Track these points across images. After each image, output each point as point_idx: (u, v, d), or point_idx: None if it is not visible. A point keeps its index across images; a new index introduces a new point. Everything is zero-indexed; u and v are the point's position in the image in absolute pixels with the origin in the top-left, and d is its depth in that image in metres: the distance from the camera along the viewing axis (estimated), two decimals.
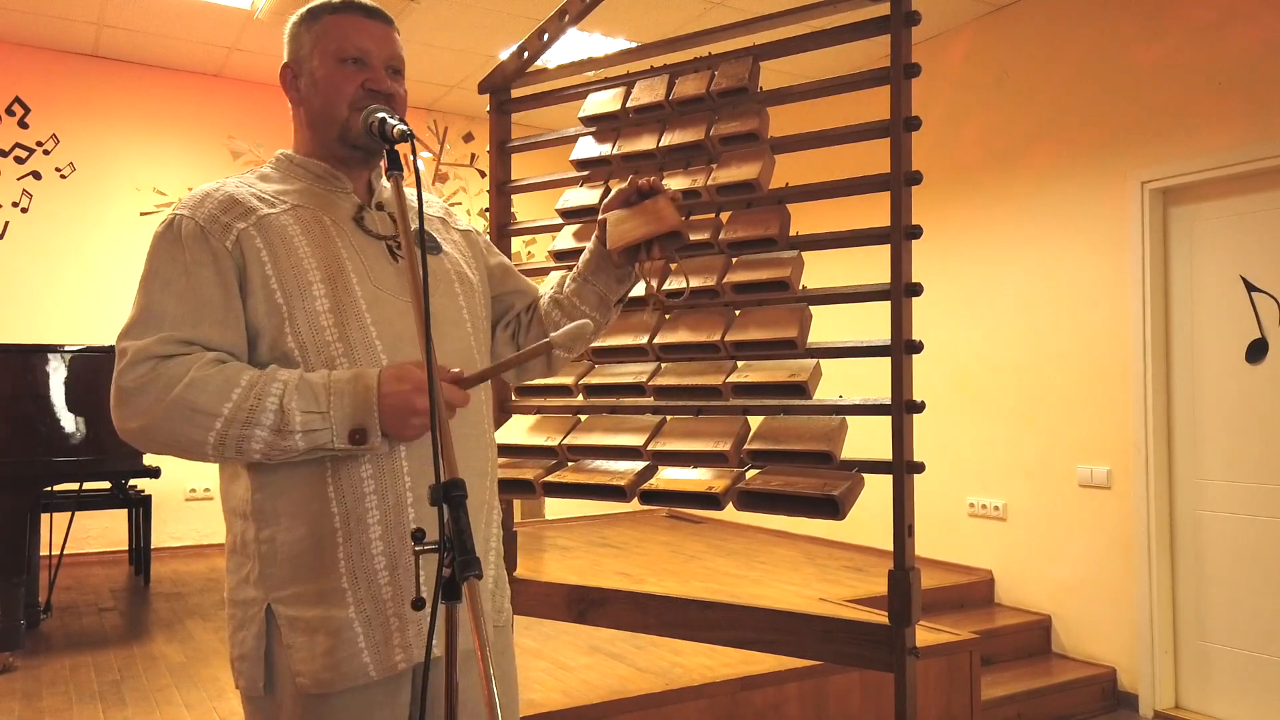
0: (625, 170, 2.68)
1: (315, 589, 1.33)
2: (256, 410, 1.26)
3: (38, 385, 3.66)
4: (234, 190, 1.39)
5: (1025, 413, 4.89)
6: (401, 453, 1.35)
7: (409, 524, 1.35)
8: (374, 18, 1.46)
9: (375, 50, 1.44)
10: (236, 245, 1.33)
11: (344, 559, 1.33)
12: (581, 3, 2.70)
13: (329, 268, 1.36)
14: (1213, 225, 4.19)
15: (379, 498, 1.34)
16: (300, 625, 1.32)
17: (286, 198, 1.41)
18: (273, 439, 1.27)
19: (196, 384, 1.25)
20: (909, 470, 2.21)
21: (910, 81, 2.25)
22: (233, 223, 1.34)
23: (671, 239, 1.55)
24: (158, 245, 1.35)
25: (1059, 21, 4.77)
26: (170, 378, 1.25)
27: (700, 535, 6.51)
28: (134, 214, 6.06)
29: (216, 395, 1.25)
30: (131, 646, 3.84)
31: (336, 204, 1.45)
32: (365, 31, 1.44)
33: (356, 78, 1.42)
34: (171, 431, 1.26)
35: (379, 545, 1.34)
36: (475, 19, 5.32)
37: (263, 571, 1.34)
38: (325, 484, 1.33)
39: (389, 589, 1.34)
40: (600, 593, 2.67)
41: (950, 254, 5.25)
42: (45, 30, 5.59)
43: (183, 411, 1.25)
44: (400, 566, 1.35)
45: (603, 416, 2.64)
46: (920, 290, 2.23)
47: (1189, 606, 4.24)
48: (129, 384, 1.26)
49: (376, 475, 1.34)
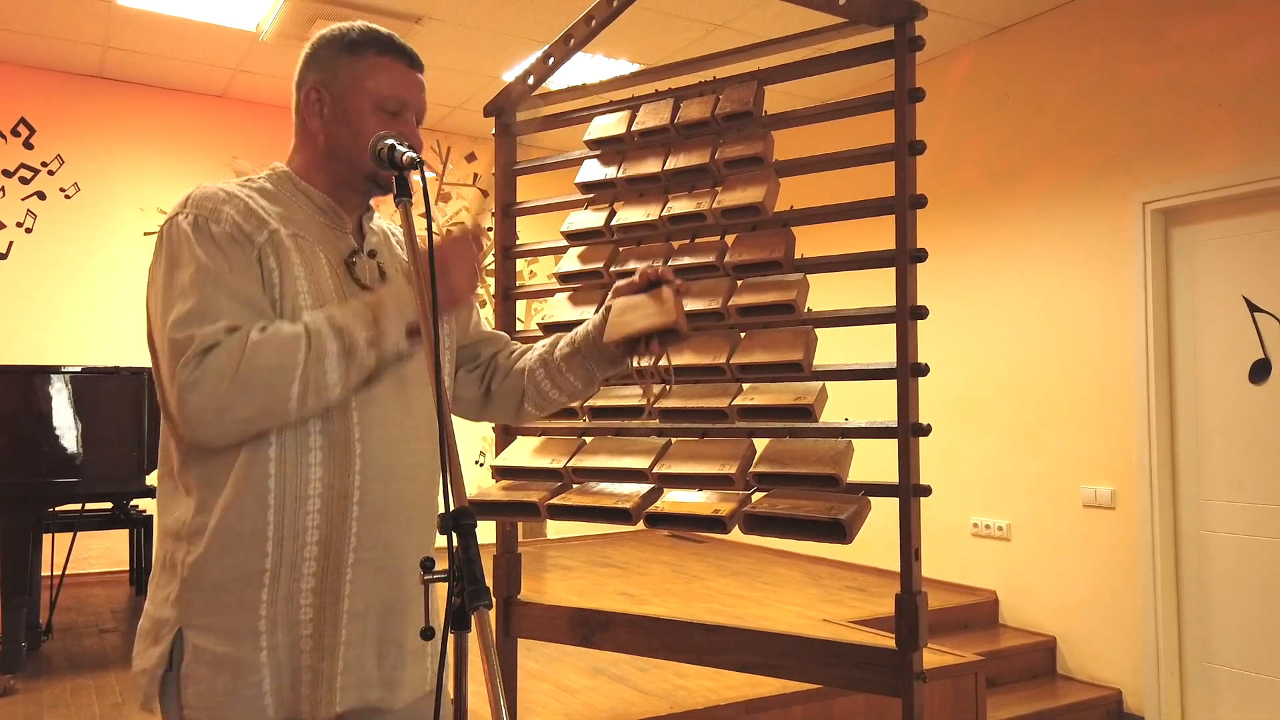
0: (630, 193, 2.69)
1: (229, 625, 1.30)
2: (319, 342, 1.26)
3: (40, 406, 3.66)
4: (245, 199, 1.36)
5: (1028, 433, 4.88)
6: (354, 512, 1.34)
7: (346, 583, 1.33)
8: (415, 68, 1.46)
9: (413, 102, 1.45)
10: (260, 255, 1.33)
11: (267, 601, 1.30)
12: (587, 28, 2.72)
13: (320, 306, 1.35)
14: (1215, 246, 4.20)
15: (321, 548, 1.32)
16: (206, 658, 1.29)
17: (288, 223, 1.38)
18: (345, 363, 1.28)
19: (260, 347, 1.23)
20: (915, 493, 2.21)
21: (914, 106, 2.26)
22: (254, 232, 1.33)
23: (670, 335, 1.52)
24: (193, 243, 1.29)
25: (1059, 43, 4.80)
26: (232, 354, 1.23)
27: (702, 555, 6.49)
28: (138, 234, 6.08)
29: (285, 348, 1.25)
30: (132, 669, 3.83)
31: (333, 242, 1.43)
32: (408, 83, 1.44)
33: (391, 128, 1.41)
34: (253, 402, 1.23)
35: (309, 597, 1.32)
36: (478, 41, 5.35)
37: (182, 595, 1.31)
38: (266, 523, 1.30)
39: (309, 640, 1.32)
40: (604, 616, 2.66)
41: (952, 275, 5.26)
42: (51, 52, 5.62)
43: (259, 378, 1.23)
44: (326, 621, 1.33)
45: (608, 438, 2.64)
46: (925, 313, 2.24)
47: (1194, 627, 4.22)
48: (192, 376, 1.22)
49: (323, 526, 1.32)
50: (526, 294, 3.00)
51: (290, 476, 1.31)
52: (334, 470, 1.34)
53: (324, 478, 1.33)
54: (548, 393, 1.62)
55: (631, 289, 1.57)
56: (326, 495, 1.33)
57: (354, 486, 1.34)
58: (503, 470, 2.67)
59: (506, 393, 1.65)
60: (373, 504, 1.36)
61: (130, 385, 3.86)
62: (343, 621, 1.34)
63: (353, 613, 1.35)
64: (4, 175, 5.77)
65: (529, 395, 1.63)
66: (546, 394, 1.62)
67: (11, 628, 3.54)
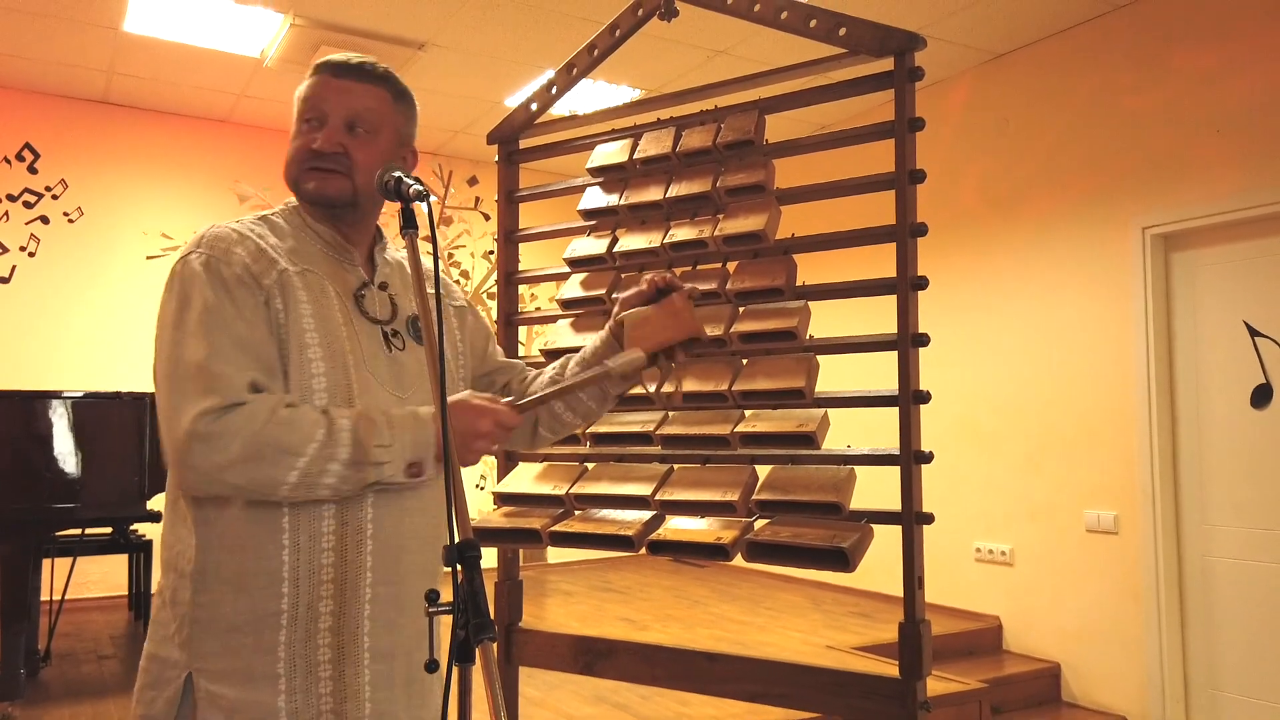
0: (632, 220, 2.70)
1: (246, 668, 1.28)
2: (334, 445, 1.26)
3: (41, 431, 3.66)
4: (257, 240, 1.36)
5: (1031, 458, 4.88)
6: (368, 547, 1.33)
7: (364, 620, 1.32)
8: (340, 75, 1.42)
9: (333, 108, 1.40)
10: (268, 298, 1.33)
11: (285, 644, 1.29)
12: (589, 57, 2.74)
13: (330, 345, 1.35)
14: (1215, 271, 4.21)
15: (336, 586, 1.31)
16: (221, 704, 1.27)
17: (297, 259, 1.38)
18: (347, 473, 1.26)
19: (285, 424, 1.24)
20: (918, 521, 2.20)
21: (914, 135, 2.28)
22: (263, 274, 1.33)
23: (690, 342, 1.50)
24: (202, 283, 1.30)
25: (1058, 69, 4.83)
26: (254, 420, 1.23)
27: (704, 579, 6.46)
28: (141, 258, 6.10)
29: (305, 435, 1.24)
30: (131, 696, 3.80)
31: (343, 277, 1.43)
32: (327, 88, 1.41)
33: (307, 138, 1.40)
34: (252, 472, 1.23)
35: (327, 636, 1.30)
36: (480, 66, 5.39)
37: (192, 636, 1.29)
38: (281, 563, 1.29)
39: (329, 683, 1.30)
40: (606, 644, 2.65)
41: (952, 300, 5.27)
42: (56, 77, 5.67)
43: (268, 453, 1.23)
44: (347, 661, 1.31)
45: (610, 465, 2.64)
46: (927, 341, 2.24)
47: (1199, 654, 4.19)
48: (211, 428, 1.22)
49: (338, 564, 1.31)
50: (529, 320, 3.01)
51: (304, 515, 1.31)
52: (347, 506, 1.33)
53: (337, 514, 1.32)
54: (561, 415, 1.61)
55: (640, 299, 1.56)
56: (340, 532, 1.32)
57: (367, 521, 1.34)
58: (504, 497, 2.66)
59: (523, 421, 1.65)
60: (386, 539, 1.36)
61: (132, 410, 3.86)
62: (364, 661, 1.33)
63: (375, 652, 1.34)
64: (8, 199, 5.79)
65: (543, 420, 1.62)
66: (560, 416, 1.62)
67: (10, 654, 3.52)
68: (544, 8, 4.64)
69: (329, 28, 4.86)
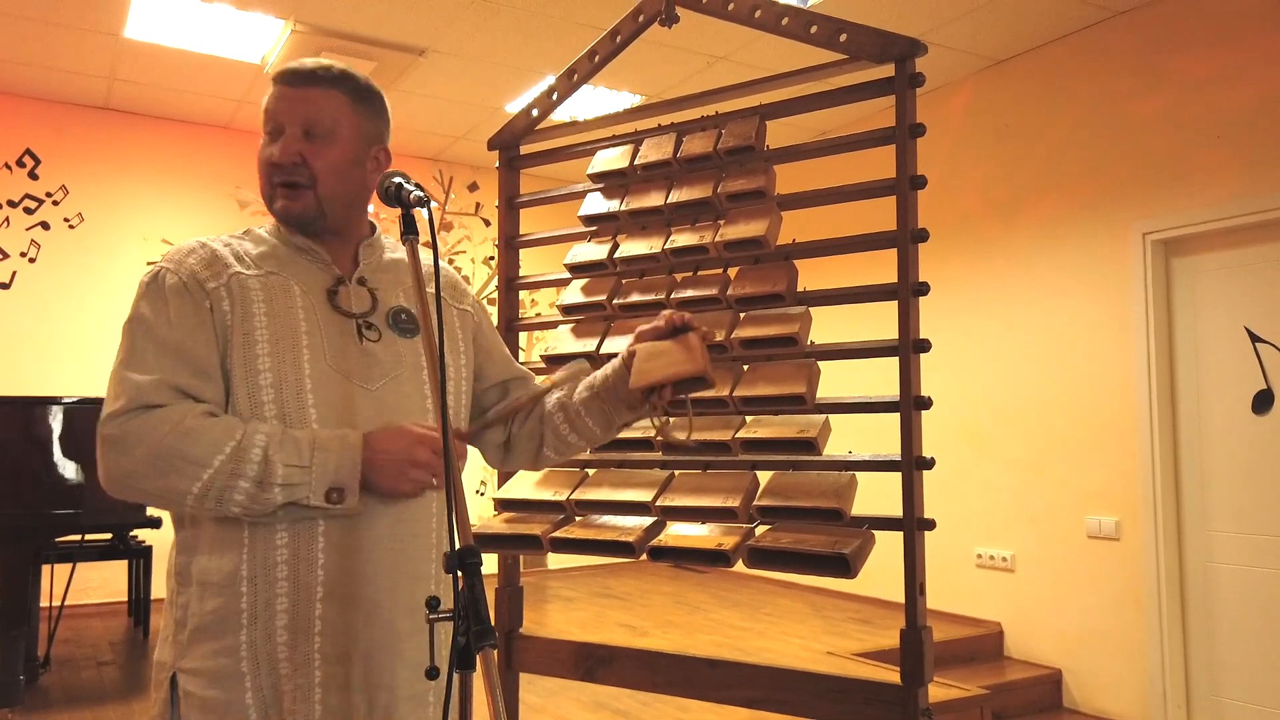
0: (633, 226, 2.70)
1: (214, 668, 1.30)
2: (242, 461, 1.25)
3: (40, 437, 3.66)
4: (218, 248, 1.39)
5: (1032, 463, 4.87)
6: (319, 544, 1.32)
7: (316, 619, 1.32)
8: (294, 83, 1.41)
9: (288, 117, 1.40)
10: (213, 302, 1.34)
11: (246, 643, 1.30)
12: (590, 63, 2.75)
13: (281, 341, 1.34)
14: (1216, 276, 4.21)
15: (290, 584, 1.31)
16: (195, 702, 1.29)
17: (265, 262, 1.40)
18: (254, 491, 1.25)
19: (190, 434, 1.24)
20: (920, 527, 2.20)
21: (915, 141, 2.28)
22: (209, 279, 1.35)
23: (695, 382, 1.48)
24: (143, 295, 1.35)
25: (1058, 75, 4.84)
26: (160, 426, 1.24)
27: (704, 585, 6.45)
28: (141, 264, 6.10)
29: (210, 446, 1.24)
30: (130, 702, 3.79)
31: (312, 275, 1.43)
32: (282, 99, 1.41)
33: (268, 150, 1.41)
34: (157, 480, 1.25)
35: (283, 634, 1.31)
36: (479, 73, 5.40)
37: (175, 636, 1.33)
38: (240, 562, 1.30)
39: (289, 680, 1.31)
40: (607, 650, 2.64)
41: (952, 306, 5.27)
42: (57, 84, 5.67)
43: (172, 461, 1.23)
44: (299, 661, 1.31)
45: (610, 471, 2.63)
46: (928, 346, 2.24)
47: (1201, 660, 4.19)
48: (115, 431, 1.25)
49: (290, 561, 1.31)
50: (529, 325, 3.00)
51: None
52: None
53: (289, 510, 1.30)
54: (566, 437, 1.61)
55: (655, 334, 1.55)
56: (292, 530, 1.31)
57: (316, 515, 1.31)
58: (505, 503, 2.66)
59: (526, 437, 1.63)
60: (338, 537, 1.33)
61: None
62: (315, 662, 1.31)
63: (326, 654, 1.32)
64: (8, 205, 5.80)
65: (548, 439, 1.62)
66: (565, 438, 1.61)
67: (9, 660, 3.52)
68: (544, 14, 4.64)
69: (329, 34, 4.87)
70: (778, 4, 2.45)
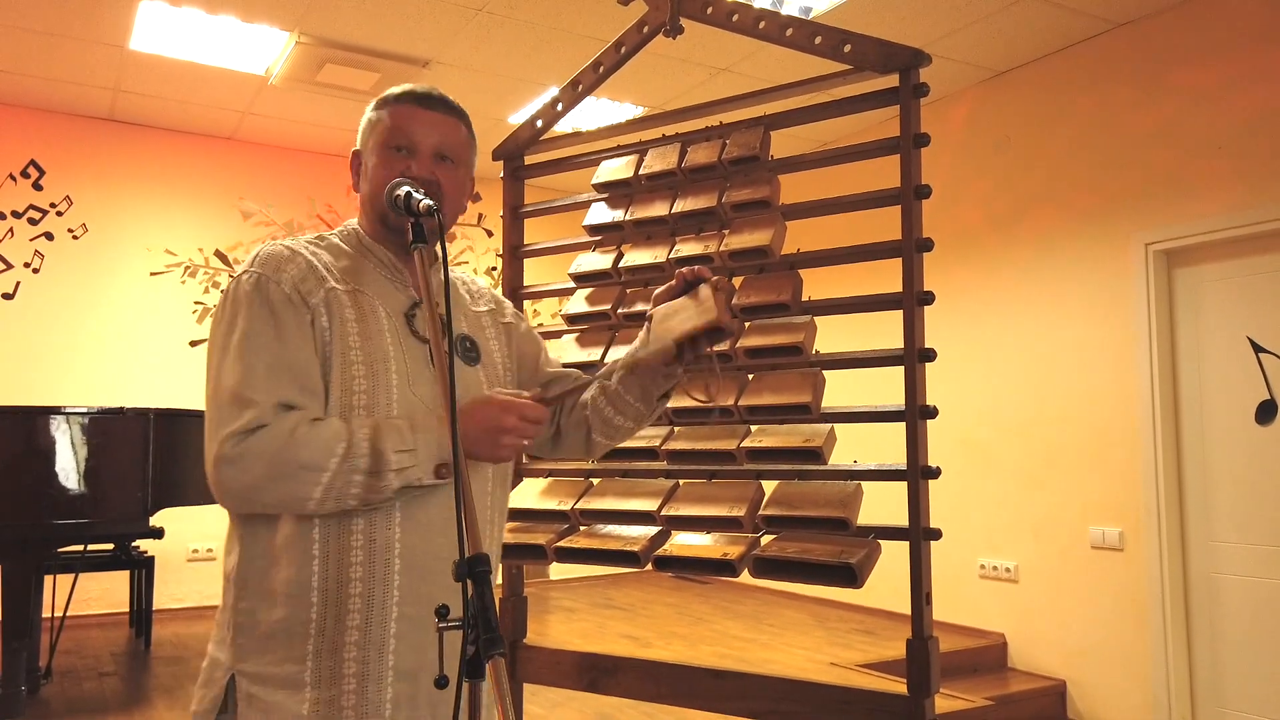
0: (638, 236, 2.71)
1: (278, 674, 1.32)
2: (354, 457, 1.28)
3: (44, 447, 3.66)
4: (309, 257, 1.40)
5: (1034, 474, 4.87)
6: (395, 565, 1.34)
7: (390, 637, 1.33)
8: (428, 107, 1.47)
9: (423, 138, 1.45)
10: (314, 316, 1.36)
11: (313, 654, 1.32)
12: (594, 74, 2.76)
13: (375, 364, 1.37)
14: (1218, 287, 4.22)
15: (363, 601, 1.33)
16: (257, 705, 1.32)
17: (350, 278, 1.42)
18: (370, 481, 1.29)
19: (303, 442, 1.27)
20: (926, 537, 2.19)
21: (919, 151, 2.28)
22: (311, 292, 1.37)
23: (716, 333, 1.44)
24: (248, 305, 1.35)
25: (1058, 87, 4.86)
26: (274, 441, 1.27)
27: (707, 596, 6.44)
28: (145, 275, 6.11)
29: (324, 451, 1.28)
30: (132, 713, 3.78)
31: (394, 296, 1.45)
32: (416, 119, 1.45)
33: (398, 166, 1.44)
34: (278, 491, 1.28)
35: (352, 650, 1.32)
36: (485, 84, 5.42)
37: (234, 640, 1.35)
38: (311, 574, 1.33)
39: (352, 696, 1.32)
40: (611, 661, 2.63)
41: (955, 317, 5.28)
42: (62, 95, 5.70)
43: (292, 470, 1.27)
44: (370, 677, 1.33)
45: (615, 480, 2.63)
46: (934, 356, 2.24)
47: (1205, 672, 4.17)
48: (233, 450, 1.27)
49: (365, 579, 1.33)
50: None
51: (334, 529, 1.33)
52: (375, 523, 1.35)
53: (365, 530, 1.34)
54: (611, 419, 1.61)
55: (670, 294, 1.55)
56: (368, 548, 1.34)
57: (394, 540, 1.35)
58: (510, 512, 2.66)
59: (574, 426, 1.64)
60: (413, 558, 1.36)
61: (135, 426, 3.86)
62: (388, 679, 1.33)
63: (399, 671, 1.34)
64: (13, 216, 5.81)
65: (595, 425, 1.62)
66: (610, 420, 1.61)
67: (11, 671, 3.51)
68: (547, 25, 4.66)
69: (334, 46, 4.89)
70: (781, 15, 2.46)
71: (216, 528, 6.06)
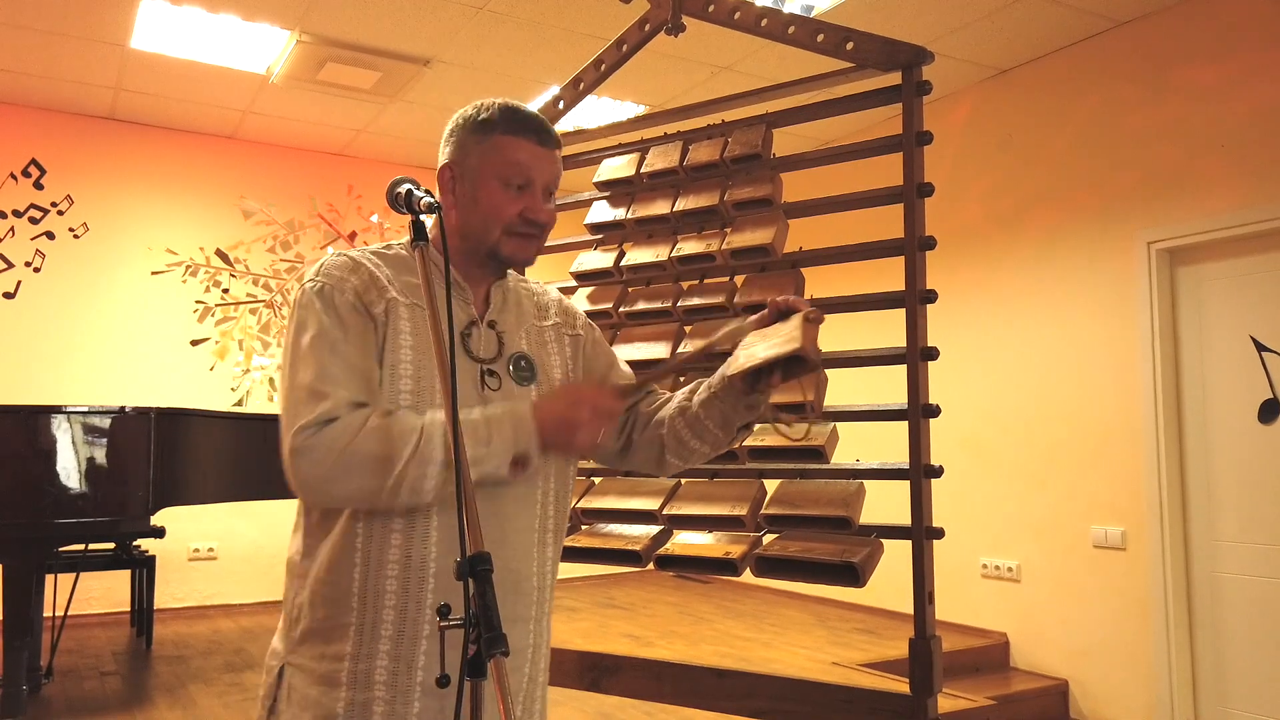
0: (639, 234, 2.70)
1: (320, 670, 1.35)
2: (428, 448, 1.29)
3: (45, 446, 3.65)
4: (373, 269, 1.42)
5: (1036, 473, 4.86)
6: (429, 584, 1.34)
7: (420, 653, 1.34)
8: (545, 144, 1.46)
9: (539, 176, 1.45)
10: (376, 325, 1.37)
11: (350, 656, 1.34)
12: (596, 72, 2.75)
13: (422, 380, 1.38)
14: (1221, 285, 4.21)
15: (396, 613, 1.34)
16: (297, 697, 1.35)
17: (410, 293, 1.42)
18: (446, 474, 1.30)
19: (376, 434, 1.29)
20: (928, 536, 2.19)
21: (922, 149, 2.28)
22: (373, 303, 1.38)
23: (798, 363, 1.38)
24: (318, 309, 1.37)
25: (1061, 86, 4.85)
26: (346, 433, 1.29)
27: (708, 595, 6.43)
28: (146, 274, 6.11)
29: (398, 442, 1.29)
30: (134, 712, 3.78)
31: (454, 314, 1.43)
32: (535, 157, 1.44)
33: (517, 204, 1.43)
34: (351, 482, 1.29)
35: (384, 659, 1.34)
36: (486, 83, 5.41)
37: (288, 632, 1.39)
38: (353, 579, 1.35)
39: (382, 703, 1.33)
40: (613, 660, 2.63)
41: (957, 315, 5.27)
42: (63, 94, 5.69)
43: (365, 462, 1.28)
44: (399, 689, 1.34)
45: (617, 479, 2.63)
46: (936, 354, 2.23)
47: (1209, 671, 4.16)
48: (306, 442, 1.29)
49: (399, 592, 1.34)
50: None
51: (375, 538, 1.35)
52: (411, 538, 1.35)
53: (401, 544, 1.35)
54: (688, 442, 1.56)
55: (761, 322, 1.52)
56: (403, 562, 1.35)
57: (430, 558, 1.35)
58: None
59: (647, 443, 1.61)
60: (448, 578, 1.35)
61: (136, 425, 3.85)
62: (415, 694, 1.34)
63: (426, 687, 1.35)
64: (14, 215, 5.81)
65: (669, 445, 1.58)
66: (687, 443, 1.57)
67: (12, 670, 3.50)
68: (548, 24, 4.66)
69: (335, 44, 4.89)
70: (783, 13, 2.45)
71: (217, 527, 6.06)
